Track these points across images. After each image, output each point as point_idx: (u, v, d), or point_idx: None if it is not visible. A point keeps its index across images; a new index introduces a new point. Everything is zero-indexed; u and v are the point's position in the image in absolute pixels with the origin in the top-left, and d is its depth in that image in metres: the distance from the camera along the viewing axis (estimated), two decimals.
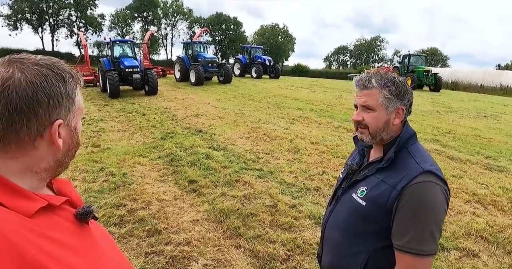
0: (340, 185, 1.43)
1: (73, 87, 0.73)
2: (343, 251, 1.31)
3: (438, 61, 63.54)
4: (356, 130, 1.33)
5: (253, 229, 3.38)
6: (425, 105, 13.72)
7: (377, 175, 1.26)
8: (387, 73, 1.28)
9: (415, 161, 1.21)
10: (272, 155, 6.04)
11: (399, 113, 1.28)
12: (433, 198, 1.15)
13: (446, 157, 6.49)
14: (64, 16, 52.07)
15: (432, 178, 1.17)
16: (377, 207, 1.21)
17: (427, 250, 1.14)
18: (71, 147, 0.76)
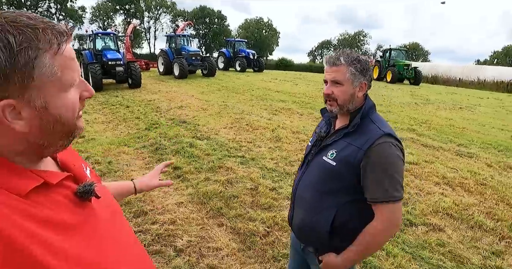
0: (310, 151, 1.61)
1: (29, 54, 0.57)
2: (313, 209, 1.49)
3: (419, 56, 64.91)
4: (325, 102, 1.52)
5: (235, 209, 3.58)
6: (404, 97, 14.14)
7: (344, 139, 1.45)
8: (352, 52, 1.48)
9: (376, 126, 1.42)
10: (254, 143, 6.23)
11: (362, 87, 1.48)
12: (394, 155, 1.38)
13: (421, 144, 6.81)
14: (43, 8, 50.74)
15: (391, 139, 1.39)
16: (346, 166, 1.40)
17: (400, 195, 1.37)
18: (46, 128, 0.64)
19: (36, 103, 0.60)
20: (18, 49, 0.56)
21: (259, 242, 2.97)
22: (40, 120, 0.62)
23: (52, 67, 0.60)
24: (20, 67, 0.56)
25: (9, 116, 0.59)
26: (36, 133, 0.63)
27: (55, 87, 0.62)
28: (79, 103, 0.68)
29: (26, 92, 0.59)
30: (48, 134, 0.65)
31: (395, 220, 1.39)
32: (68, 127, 0.66)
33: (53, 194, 0.66)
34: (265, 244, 2.95)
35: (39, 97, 0.60)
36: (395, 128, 8.08)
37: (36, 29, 0.58)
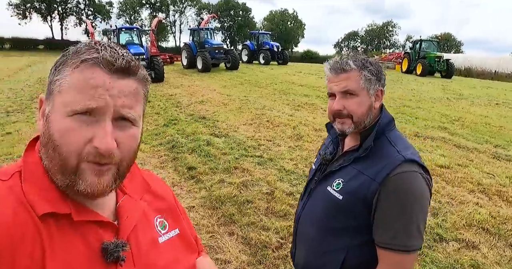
0: (313, 177, 1.32)
1: (64, 62, 0.61)
2: (318, 249, 1.23)
3: (451, 47, 61.96)
4: (333, 121, 1.21)
5: (248, 216, 3.36)
6: (435, 91, 13.42)
7: (354, 165, 1.16)
8: (358, 53, 1.18)
9: (395, 149, 1.11)
10: (273, 142, 5.98)
11: (378, 96, 1.18)
12: (417, 190, 1.07)
13: (453, 145, 6.35)
14: (72, 4, 52.22)
15: (414, 167, 1.08)
16: (355, 201, 1.11)
17: (414, 245, 1.06)
18: (43, 141, 0.62)
19: (47, 109, 0.61)
20: (61, 55, 0.62)
21: (271, 256, 2.74)
22: (44, 129, 0.61)
23: (64, 80, 0.59)
24: (54, 69, 0.61)
25: (41, 110, 0.63)
26: (42, 142, 0.62)
27: (61, 103, 0.59)
28: (88, 146, 0.58)
29: (49, 95, 0.61)
30: (45, 151, 0.61)
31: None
32: (62, 158, 0.58)
33: (73, 231, 0.60)
34: (277, 258, 2.71)
35: (49, 105, 0.60)
36: (425, 126, 7.61)
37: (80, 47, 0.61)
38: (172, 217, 0.80)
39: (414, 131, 7.09)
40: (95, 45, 0.60)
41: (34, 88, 12.65)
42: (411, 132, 6.99)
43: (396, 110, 9.24)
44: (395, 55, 29.37)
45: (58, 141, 0.58)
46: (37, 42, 46.64)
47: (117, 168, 0.62)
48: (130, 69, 0.61)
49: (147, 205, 0.75)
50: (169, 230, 0.76)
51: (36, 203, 0.58)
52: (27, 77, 16.26)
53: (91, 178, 0.59)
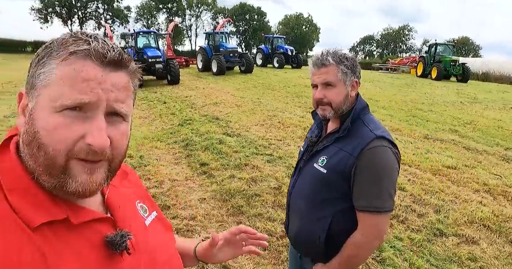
0: (302, 157, 1.54)
1: (48, 54, 0.56)
2: (308, 218, 1.42)
3: (469, 51, 60.87)
4: (317, 108, 1.42)
5: (256, 208, 3.56)
6: (449, 95, 13.36)
7: (335, 144, 1.37)
8: (337, 51, 1.38)
9: (368, 128, 1.32)
10: (284, 141, 6.17)
11: (354, 86, 1.39)
12: (387, 162, 1.27)
13: (462, 147, 6.40)
14: (92, 8, 53.70)
15: (384, 142, 1.29)
16: (337, 174, 1.32)
17: (387, 207, 1.27)
18: (25, 139, 0.56)
19: (29, 104, 0.56)
20: (43, 47, 0.57)
21: (275, 243, 2.93)
22: (26, 126, 0.56)
23: (51, 74, 0.54)
24: (36, 62, 0.56)
25: (21, 106, 0.58)
26: (24, 140, 0.56)
27: (47, 97, 0.54)
28: (80, 142, 0.54)
29: (31, 90, 0.56)
30: (29, 150, 0.55)
31: (377, 233, 1.29)
32: (49, 157, 0.54)
33: (72, 235, 0.57)
34: (281, 246, 2.90)
35: (32, 101, 0.55)
36: (435, 129, 7.66)
37: (65, 39, 0.56)
38: (148, 201, 0.81)
39: (424, 133, 7.16)
40: (83, 36, 0.56)
41: None
42: (420, 134, 7.06)
43: (408, 113, 9.30)
44: (410, 59, 29.15)
45: (45, 139, 0.53)
46: None
47: (108, 165, 0.59)
48: (122, 62, 0.58)
49: (129, 191, 0.75)
50: (149, 213, 0.77)
51: (28, 215, 0.53)
52: None
53: (82, 177, 0.56)
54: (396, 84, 16.97)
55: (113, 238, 0.60)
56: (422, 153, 5.72)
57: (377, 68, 31.66)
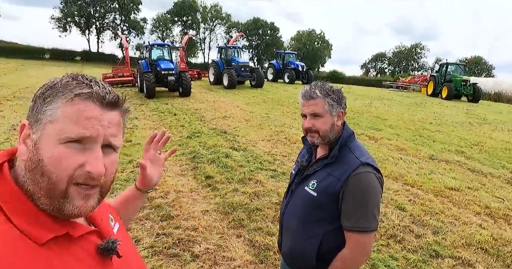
0: (293, 180, 1.67)
1: (54, 93, 0.65)
2: (300, 237, 1.55)
3: (482, 70, 60.51)
4: (306, 135, 1.57)
5: (256, 222, 3.67)
6: (458, 116, 13.34)
7: (324, 169, 1.50)
8: (325, 84, 1.53)
9: (354, 155, 1.47)
10: (288, 158, 6.28)
11: (340, 116, 1.53)
12: (371, 185, 1.42)
13: (467, 169, 6.41)
14: (109, 19, 55.56)
15: (368, 168, 1.43)
16: (326, 196, 1.46)
17: (371, 227, 1.41)
18: (27, 166, 0.64)
19: (33, 136, 0.64)
20: (53, 87, 0.66)
21: (272, 257, 3.03)
22: (29, 155, 0.64)
23: (57, 111, 0.63)
24: (42, 100, 0.65)
25: (22, 136, 0.66)
26: (27, 167, 0.64)
27: (52, 131, 0.63)
28: (79, 170, 0.64)
29: (36, 123, 0.64)
30: (31, 175, 0.63)
31: (363, 251, 1.42)
32: (51, 183, 0.62)
33: (73, 247, 0.66)
34: (278, 259, 3.00)
35: (37, 133, 0.63)
36: (441, 149, 7.68)
37: (68, 81, 0.66)
38: (113, 212, 0.93)
39: (429, 154, 7.19)
40: (84, 79, 0.67)
41: None
42: (426, 154, 7.10)
43: (414, 133, 9.34)
44: (421, 77, 29.16)
45: (49, 166, 0.62)
46: (74, 54, 49.81)
47: (100, 190, 0.69)
48: (118, 103, 0.69)
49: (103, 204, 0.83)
50: (115, 223, 0.87)
51: (35, 233, 0.61)
52: None
53: (78, 202, 0.65)
54: (406, 102, 17.00)
55: (105, 245, 0.70)
56: (425, 174, 5.77)
57: (387, 86, 31.72)
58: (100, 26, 55.59)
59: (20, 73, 22.36)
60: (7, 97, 11.89)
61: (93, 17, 54.06)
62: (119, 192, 4.33)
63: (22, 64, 30.16)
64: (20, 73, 22.39)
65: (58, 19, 52.61)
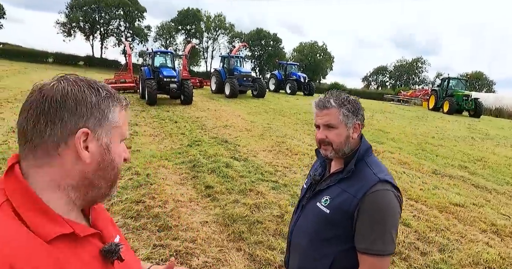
0: (304, 195, 1.56)
1: (108, 103, 0.73)
2: (310, 256, 1.44)
3: (483, 86, 60.75)
4: (319, 147, 1.46)
5: (257, 235, 3.55)
6: (460, 130, 13.27)
7: (339, 185, 1.40)
8: (341, 93, 1.44)
9: (372, 171, 1.36)
10: (290, 169, 6.18)
11: (356, 128, 1.42)
12: (389, 205, 1.30)
13: (471, 184, 6.30)
14: (114, 26, 56.04)
15: (387, 186, 1.32)
16: (340, 214, 1.35)
17: (388, 250, 1.29)
18: (102, 166, 0.72)
19: (103, 140, 0.72)
20: (105, 94, 0.73)
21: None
22: (101, 157, 0.72)
23: (118, 118, 0.75)
24: (100, 106, 0.71)
25: (82, 144, 0.68)
26: (94, 168, 0.71)
27: (117, 134, 0.75)
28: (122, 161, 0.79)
29: (99, 129, 0.71)
30: (101, 172, 0.72)
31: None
32: (115, 174, 0.76)
33: (78, 248, 0.68)
34: None
35: (107, 137, 0.72)
36: (444, 164, 7.59)
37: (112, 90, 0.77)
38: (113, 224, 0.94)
39: (432, 168, 7.09)
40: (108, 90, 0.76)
41: None
42: (429, 169, 7.00)
43: (417, 147, 9.25)
44: (422, 91, 29.25)
45: (118, 160, 0.75)
46: (78, 59, 50.13)
47: None
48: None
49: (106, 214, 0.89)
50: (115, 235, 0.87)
51: (43, 229, 0.63)
52: None
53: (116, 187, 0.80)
54: (407, 116, 16.96)
55: (109, 248, 0.72)
56: (429, 189, 5.66)
57: (389, 99, 31.77)
58: (104, 32, 56.00)
59: (22, 76, 22.38)
60: (8, 99, 11.84)
61: (97, 23, 54.49)
62: (114, 200, 4.22)
63: (25, 67, 30.27)
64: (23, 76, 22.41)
65: (63, 24, 53.06)
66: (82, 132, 0.68)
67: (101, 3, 52.13)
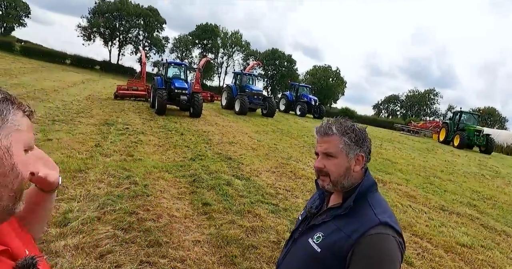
0: (298, 227, 1.42)
1: (7, 105, 0.69)
2: None
3: (495, 122, 60.13)
4: (318, 177, 1.33)
5: (250, 261, 3.35)
6: (470, 166, 12.95)
7: (334, 221, 1.25)
8: (346, 121, 1.31)
9: (373, 211, 1.21)
10: (292, 193, 5.99)
11: (359, 160, 1.28)
12: (388, 252, 1.13)
13: (480, 224, 6.03)
14: (133, 34, 57.63)
15: (388, 230, 1.16)
16: (331, 255, 1.19)
17: None
18: (1, 171, 0.65)
19: (2, 143, 0.66)
20: (2, 96, 0.69)
21: None
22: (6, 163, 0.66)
23: (21, 122, 0.71)
24: (1, 108, 0.68)
25: None
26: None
27: (19, 139, 0.69)
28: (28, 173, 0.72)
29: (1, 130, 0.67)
30: (1, 179, 0.65)
31: None
32: (19, 184, 0.68)
33: None
34: None
35: (6, 139, 0.67)
36: (452, 200, 7.32)
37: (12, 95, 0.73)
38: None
39: (440, 204, 6.83)
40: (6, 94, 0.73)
41: (82, 103, 13.65)
42: (436, 204, 6.75)
43: (425, 180, 8.99)
44: (433, 123, 28.97)
45: (21, 168, 0.69)
46: (94, 63, 51.29)
47: None
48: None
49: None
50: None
51: None
52: (78, 92, 17.59)
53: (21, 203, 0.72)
54: (417, 147, 16.69)
55: (24, 262, 0.67)
56: (435, 226, 5.41)
57: (399, 129, 31.51)
58: (123, 39, 57.44)
59: (39, 75, 22.80)
60: (21, 96, 11.95)
61: (117, 30, 56.02)
62: (107, 208, 4.08)
63: (42, 66, 30.91)
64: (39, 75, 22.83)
65: (84, 28, 54.65)
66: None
67: (123, 11, 53.74)
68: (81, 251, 3.11)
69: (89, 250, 3.14)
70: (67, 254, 3.03)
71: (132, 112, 13.83)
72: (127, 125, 10.61)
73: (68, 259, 2.96)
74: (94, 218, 3.79)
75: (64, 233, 3.38)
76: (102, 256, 3.09)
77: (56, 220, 3.64)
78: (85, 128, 9.12)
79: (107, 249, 3.19)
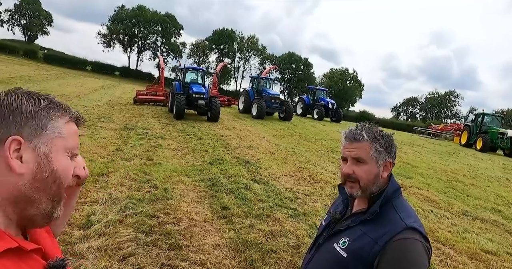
0: (322, 233, 1.42)
1: (48, 113, 0.69)
2: None
3: None
4: (344, 183, 1.33)
5: (269, 265, 3.36)
6: (494, 170, 12.56)
7: (360, 227, 1.25)
8: (373, 127, 1.32)
9: (399, 216, 1.21)
10: (311, 197, 5.97)
11: (387, 166, 1.29)
12: (416, 257, 1.13)
13: (505, 230, 5.84)
14: (151, 40, 58.93)
15: (415, 235, 1.16)
16: (357, 260, 1.20)
17: None
18: (39, 177, 0.67)
19: (40, 149, 0.67)
20: (44, 104, 0.70)
21: None
22: (38, 167, 0.66)
23: (62, 129, 0.71)
24: (37, 116, 0.68)
25: (13, 153, 0.64)
26: (29, 180, 0.66)
27: (60, 145, 0.70)
28: (71, 178, 0.74)
29: (36, 138, 0.67)
30: (40, 184, 0.67)
31: None
32: (58, 188, 0.70)
33: (23, 264, 0.64)
34: None
35: (46, 147, 0.68)
36: (476, 206, 7.12)
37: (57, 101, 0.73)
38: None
39: (463, 209, 6.66)
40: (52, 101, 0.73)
41: (103, 108, 14.00)
42: (459, 209, 6.58)
43: (447, 184, 8.78)
44: (454, 126, 28.28)
45: (61, 172, 0.70)
46: (114, 69, 52.71)
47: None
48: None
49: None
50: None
51: None
52: (99, 98, 18.06)
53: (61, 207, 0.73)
54: (438, 151, 16.32)
55: (55, 263, 0.70)
56: (459, 232, 5.28)
57: (418, 132, 30.86)
58: (141, 46, 58.85)
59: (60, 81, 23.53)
60: None
61: (136, 36, 57.46)
62: (129, 211, 4.17)
63: (64, 73, 31.91)
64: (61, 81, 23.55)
65: (104, 35, 56.25)
66: (12, 140, 0.64)
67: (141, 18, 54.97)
68: (104, 253, 3.19)
69: (112, 253, 3.22)
70: (90, 256, 3.12)
71: (151, 117, 14.09)
72: (146, 129, 10.82)
73: (92, 261, 3.04)
74: (116, 221, 3.89)
75: (87, 236, 3.48)
76: (125, 259, 3.16)
77: (79, 223, 3.75)
78: (106, 132, 9.35)
79: (129, 252, 3.26)
